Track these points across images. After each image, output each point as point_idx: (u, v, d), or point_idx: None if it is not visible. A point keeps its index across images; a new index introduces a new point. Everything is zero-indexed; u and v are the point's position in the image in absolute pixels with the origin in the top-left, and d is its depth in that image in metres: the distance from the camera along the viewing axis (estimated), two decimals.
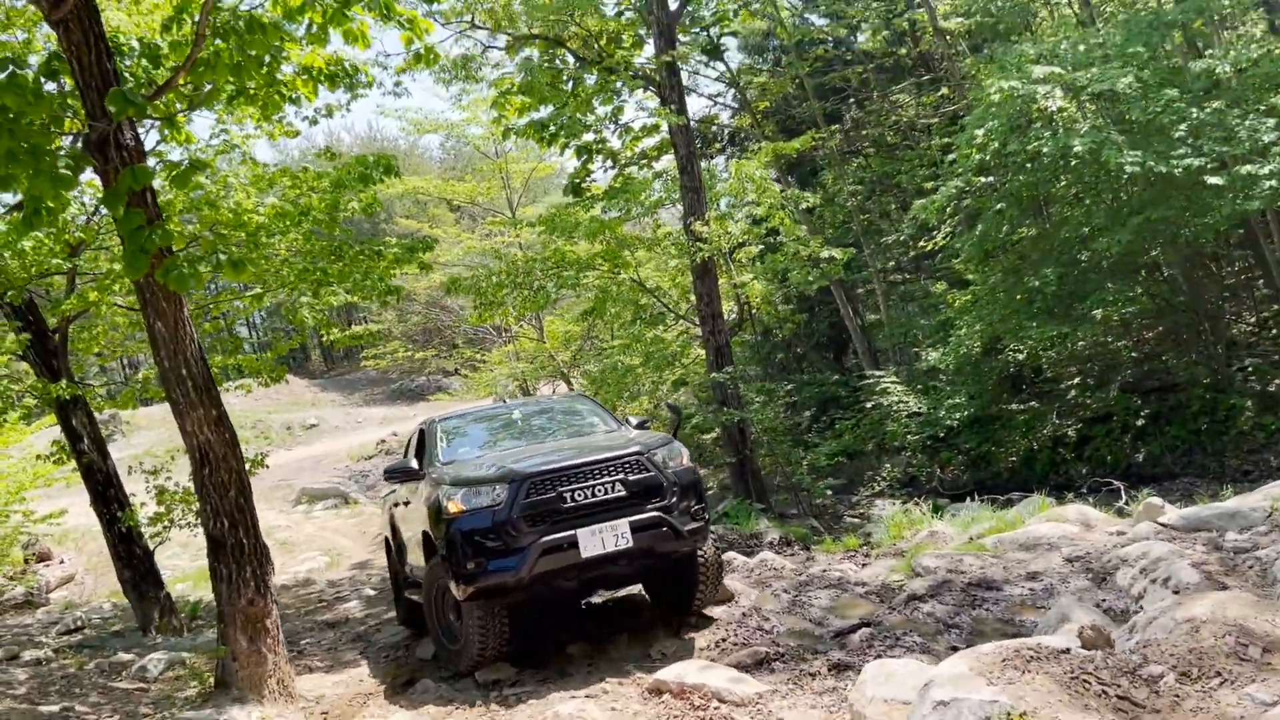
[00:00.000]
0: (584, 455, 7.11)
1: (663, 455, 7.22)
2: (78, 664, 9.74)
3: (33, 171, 6.00)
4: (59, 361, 10.94)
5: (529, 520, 6.74)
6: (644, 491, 6.97)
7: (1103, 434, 15.40)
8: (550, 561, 6.70)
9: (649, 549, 6.90)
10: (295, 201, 11.06)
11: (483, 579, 6.74)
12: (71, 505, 16.00)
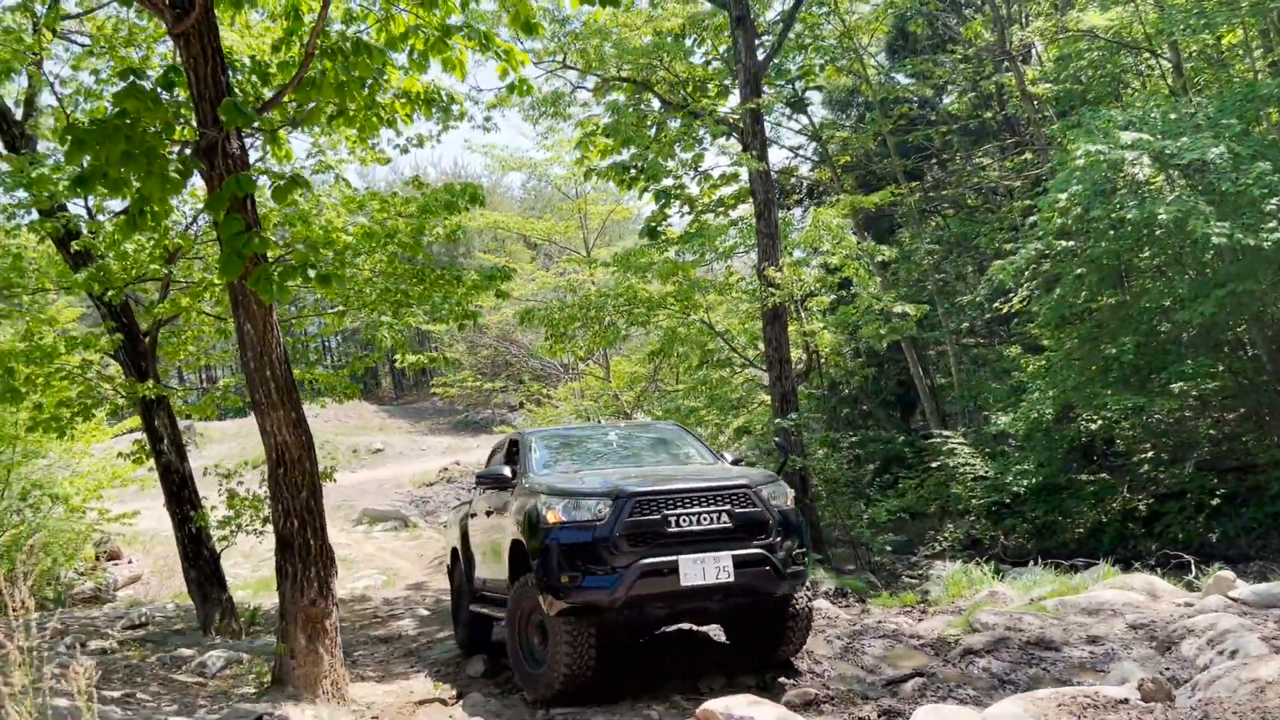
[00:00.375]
0: (691, 481, 6.98)
1: (769, 492, 7.04)
2: (140, 656, 10.01)
3: (145, 173, 6.36)
4: (148, 363, 11.38)
5: (630, 540, 6.57)
6: (749, 526, 6.78)
7: (1175, 511, 14.97)
8: (648, 585, 6.54)
9: (749, 586, 6.70)
10: (382, 224, 11.42)
11: (576, 594, 6.57)
12: (144, 508, 16.50)
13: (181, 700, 7.83)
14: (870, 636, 8.24)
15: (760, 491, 6.91)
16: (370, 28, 7.87)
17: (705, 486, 6.84)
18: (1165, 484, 15.49)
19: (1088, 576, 9.75)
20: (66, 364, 11.00)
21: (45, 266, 11.40)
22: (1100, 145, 12.54)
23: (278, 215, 10.63)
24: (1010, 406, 16.91)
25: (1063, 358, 16.02)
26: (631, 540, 6.56)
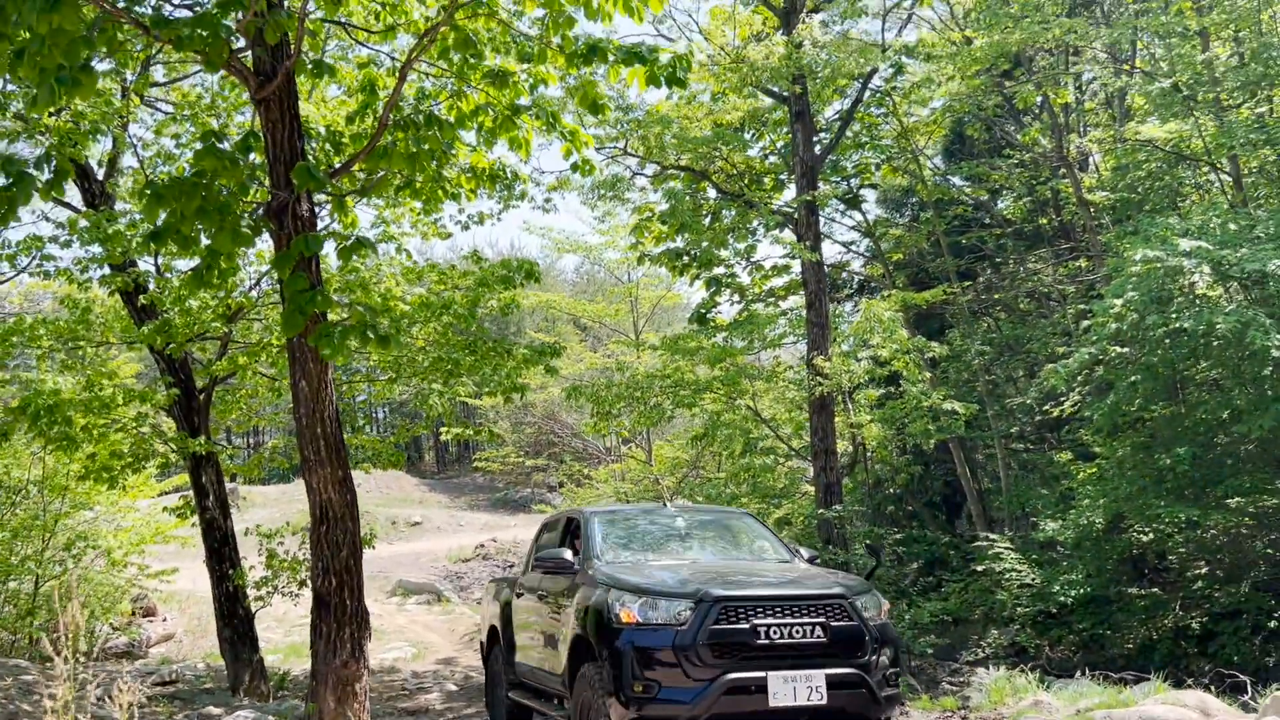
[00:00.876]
0: (782, 587, 6.42)
1: (864, 603, 6.45)
2: (168, 713, 9.98)
3: (217, 228, 6.58)
4: (200, 420, 11.60)
5: (714, 650, 5.96)
6: (845, 642, 6.17)
7: (1230, 631, 14.41)
8: (732, 703, 5.93)
9: (842, 710, 6.09)
10: (439, 295, 11.67)
11: (651, 706, 5.97)
12: (183, 567, 16.60)
13: None
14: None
15: (857, 603, 6.34)
16: (442, 104, 8.17)
17: (798, 595, 6.28)
18: (1220, 602, 14.95)
19: (1137, 691, 9.38)
20: (122, 416, 11.26)
21: (111, 320, 11.77)
22: (1158, 251, 12.48)
23: (339, 280, 10.90)
24: (1059, 514, 16.54)
25: (1115, 465, 15.68)
26: (715, 651, 5.97)
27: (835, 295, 23.13)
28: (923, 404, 15.65)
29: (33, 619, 13.73)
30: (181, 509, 12.57)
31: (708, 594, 6.09)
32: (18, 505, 13.82)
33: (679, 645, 5.97)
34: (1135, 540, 15.84)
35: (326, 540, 7.34)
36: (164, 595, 18.49)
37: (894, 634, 6.63)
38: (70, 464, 12.95)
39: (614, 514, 8.52)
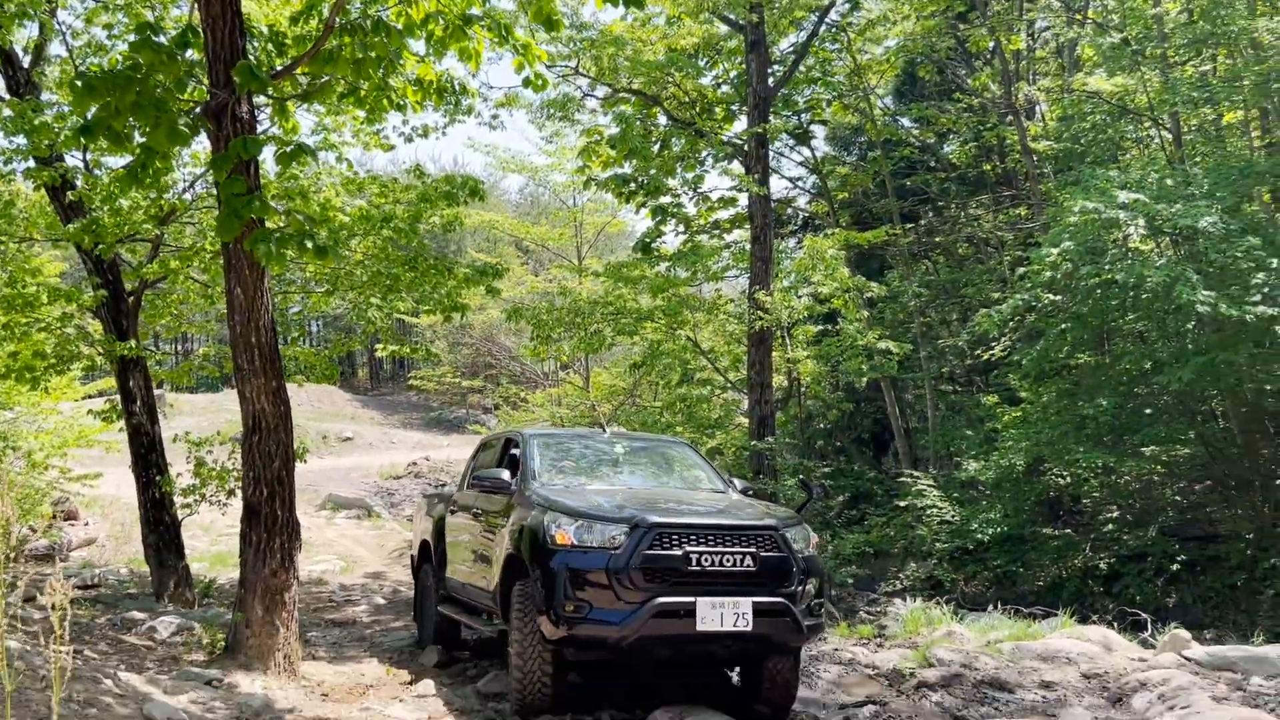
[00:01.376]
0: (715, 516, 6.48)
1: (794, 535, 6.54)
2: (89, 615, 9.89)
3: (152, 125, 6.34)
4: (129, 323, 11.29)
5: (646, 575, 6.05)
6: (773, 573, 6.28)
7: (1135, 573, 15.07)
8: (660, 626, 6.03)
9: (765, 638, 6.26)
10: (380, 208, 11.43)
11: (581, 626, 6.09)
12: (106, 473, 16.31)
13: (130, 660, 7.74)
14: (825, 663, 8.26)
15: (786, 535, 6.44)
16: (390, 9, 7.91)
17: (730, 524, 6.34)
18: (1128, 545, 15.60)
19: (1045, 626, 9.80)
20: (46, 315, 10.93)
21: (35, 216, 11.33)
22: (1097, 203, 12.70)
23: (277, 188, 10.62)
24: (982, 454, 17.01)
25: (1039, 411, 16.13)
26: (647, 575, 6.06)
27: (780, 231, 23.20)
28: (858, 343, 15.87)
29: None
30: (107, 413, 12.33)
31: (643, 520, 6.17)
32: None
33: (612, 568, 6.05)
34: (1053, 483, 16.40)
35: (259, 450, 7.27)
36: (86, 500, 18.19)
37: (820, 566, 6.74)
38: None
39: (552, 437, 8.54)
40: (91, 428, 15.00)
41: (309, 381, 14.05)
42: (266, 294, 7.30)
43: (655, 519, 6.22)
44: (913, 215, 22.80)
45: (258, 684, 6.83)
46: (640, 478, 8.02)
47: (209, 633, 8.97)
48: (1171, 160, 16.77)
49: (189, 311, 13.31)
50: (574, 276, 22.88)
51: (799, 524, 6.79)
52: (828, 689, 7.54)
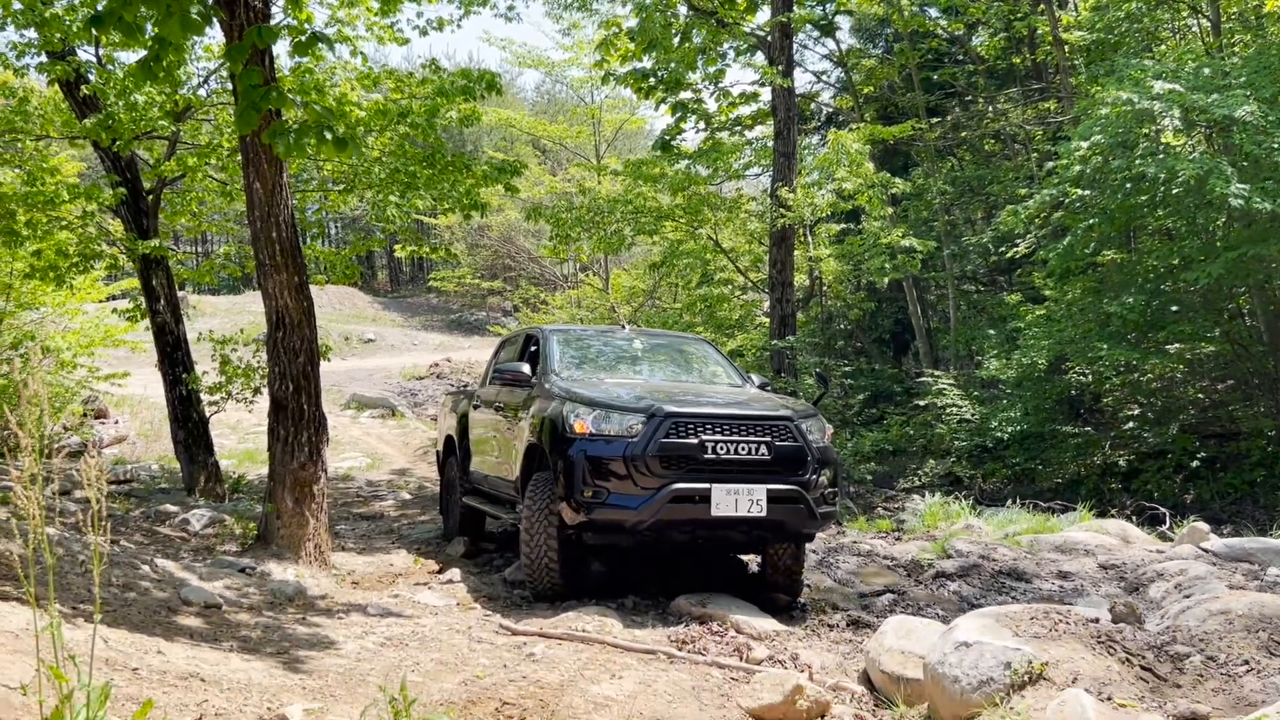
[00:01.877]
0: (731, 407, 6.65)
1: (809, 426, 6.71)
2: (124, 508, 10.14)
3: (164, 14, 6.21)
4: (149, 221, 11.27)
5: (662, 462, 6.28)
6: (787, 461, 6.48)
7: (1154, 470, 15.13)
8: (676, 511, 6.29)
9: (779, 524, 6.48)
10: (396, 103, 11.25)
11: (599, 510, 6.32)
12: (134, 372, 16.52)
13: (165, 550, 7.94)
14: (845, 554, 8.39)
15: (801, 425, 6.61)
16: None
17: (745, 415, 6.54)
18: (1148, 443, 15.63)
19: (1063, 520, 9.90)
20: (67, 214, 10.91)
21: (50, 113, 11.22)
22: (1130, 93, 12.34)
23: (292, 82, 10.42)
24: (1004, 353, 16.97)
25: (1062, 309, 16.00)
26: (664, 462, 6.29)
27: (803, 127, 22.74)
28: (881, 241, 15.68)
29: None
30: (131, 312, 12.40)
31: (660, 409, 6.36)
32: None
33: (629, 456, 6.28)
34: (1074, 382, 16.36)
35: (283, 346, 7.32)
36: (115, 399, 18.47)
37: (834, 456, 6.89)
38: (14, 262, 12.62)
39: (572, 333, 8.64)
40: (117, 327, 15.13)
41: (330, 282, 14.06)
42: (285, 189, 7.25)
43: (671, 408, 6.40)
44: (939, 110, 22.29)
45: (290, 572, 7.01)
46: (658, 372, 8.13)
47: (240, 524, 9.20)
48: (1209, 50, 16.24)
49: (208, 210, 13.25)
50: (593, 175, 22.62)
51: (814, 416, 6.92)
52: (847, 578, 7.66)
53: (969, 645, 3.95)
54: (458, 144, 34.98)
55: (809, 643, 5.91)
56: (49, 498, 2.91)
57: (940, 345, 21.79)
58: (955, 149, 23.11)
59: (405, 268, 50.89)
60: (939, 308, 23.49)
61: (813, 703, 4.58)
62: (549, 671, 4.78)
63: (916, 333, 21.29)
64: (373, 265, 49.70)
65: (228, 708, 3.86)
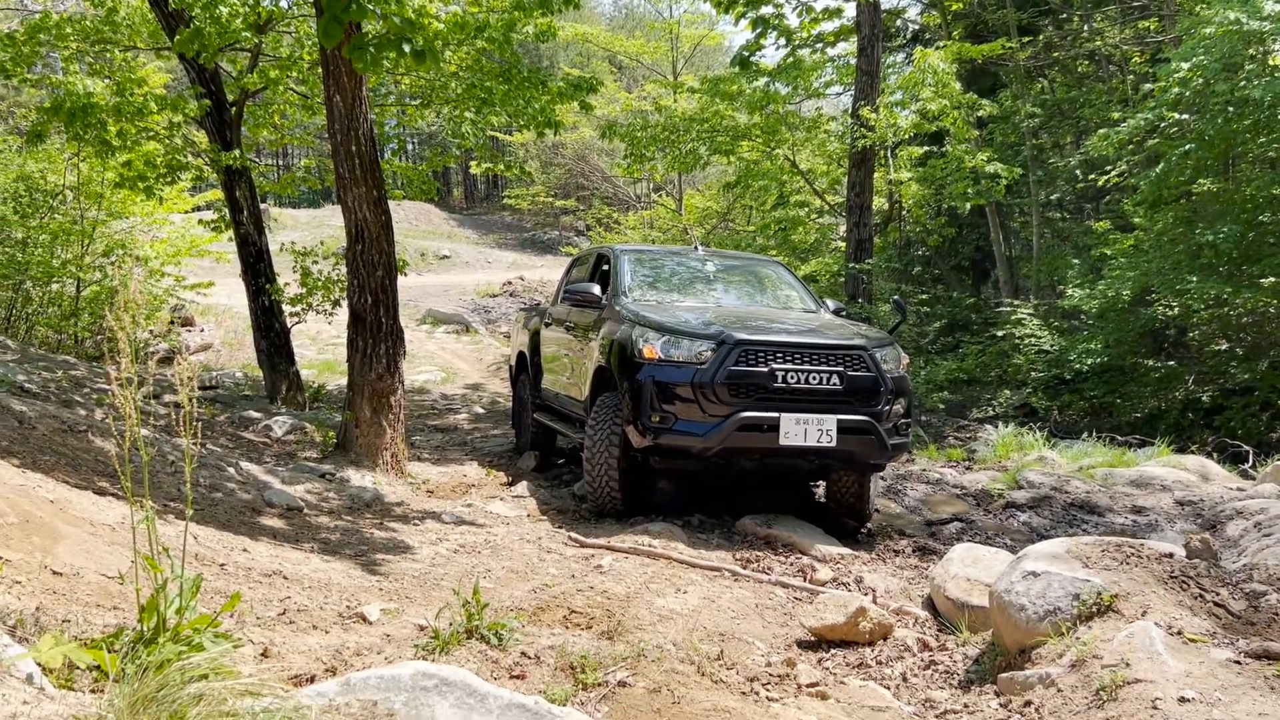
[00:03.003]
0: (803, 335, 6.48)
1: (883, 355, 6.56)
2: (210, 414, 10.51)
3: None
4: (233, 134, 11.45)
5: (731, 389, 6.20)
6: (859, 391, 6.36)
7: (1239, 406, 14.69)
8: (744, 439, 6.22)
9: (850, 454, 6.39)
10: (474, 16, 11.17)
11: (667, 436, 6.28)
12: (218, 282, 16.98)
13: (249, 454, 8.24)
14: (914, 482, 8.36)
15: (875, 354, 6.46)
16: None
17: (817, 344, 6.38)
18: (1234, 379, 15.15)
19: (1140, 454, 9.71)
20: (154, 125, 11.13)
21: (138, 24, 11.40)
22: (1239, 13, 11.70)
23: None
24: (1088, 284, 16.49)
25: (1152, 239, 15.46)
26: (732, 390, 6.21)
27: (887, 44, 22.01)
28: (965, 165, 15.21)
29: (76, 320, 14.23)
30: (216, 223, 12.70)
31: (729, 336, 6.26)
32: (56, 210, 13.97)
33: (697, 382, 6.21)
34: (1160, 314, 15.88)
35: (362, 259, 7.44)
36: (201, 308, 19.03)
37: (908, 386, 6.74)
38: (105, 172, 12.97)
39: (644, 253, 8.50)
40: (202, 238, 15.55)
41: (407, 198, 14.19)
42: (365, 103, 7.29)
43: (741, 335, 6.28)
44: (1032, 28, 21.36)
45: (367, 479, 7.24)
46: (731, 296, 7.96)
47: (320, 432, 9.49)
48: None
49: (289, 124, 13.41)
50: (669, 93, 22.28)
51: (890, 344, 6.75)
52: (915, 506, 7.65)
53: (1037, 575, 3.93)
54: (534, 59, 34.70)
55: (873, 567, 5.95)
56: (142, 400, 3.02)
57: (1021, 274, 21.26)
58: (1046, 70, 22.21)
59: (480, 185, 51.06)
60: (1022, 235, 22.85)
61: (875, 624, 4.63)
62: (615, 583, 4.89)
63: (997, 260, 20.79)
64: (448, 182, 49.95)
65: (309, 605, 4.04)
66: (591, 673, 3.38)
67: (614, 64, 34.76)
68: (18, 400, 6.86)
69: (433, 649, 3.46)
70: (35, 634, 2.76)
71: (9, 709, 2.00)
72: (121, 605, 3.46)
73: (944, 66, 14.17)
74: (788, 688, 3.74)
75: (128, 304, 3.05)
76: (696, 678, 3.50)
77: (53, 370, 10.01)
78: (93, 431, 6.51)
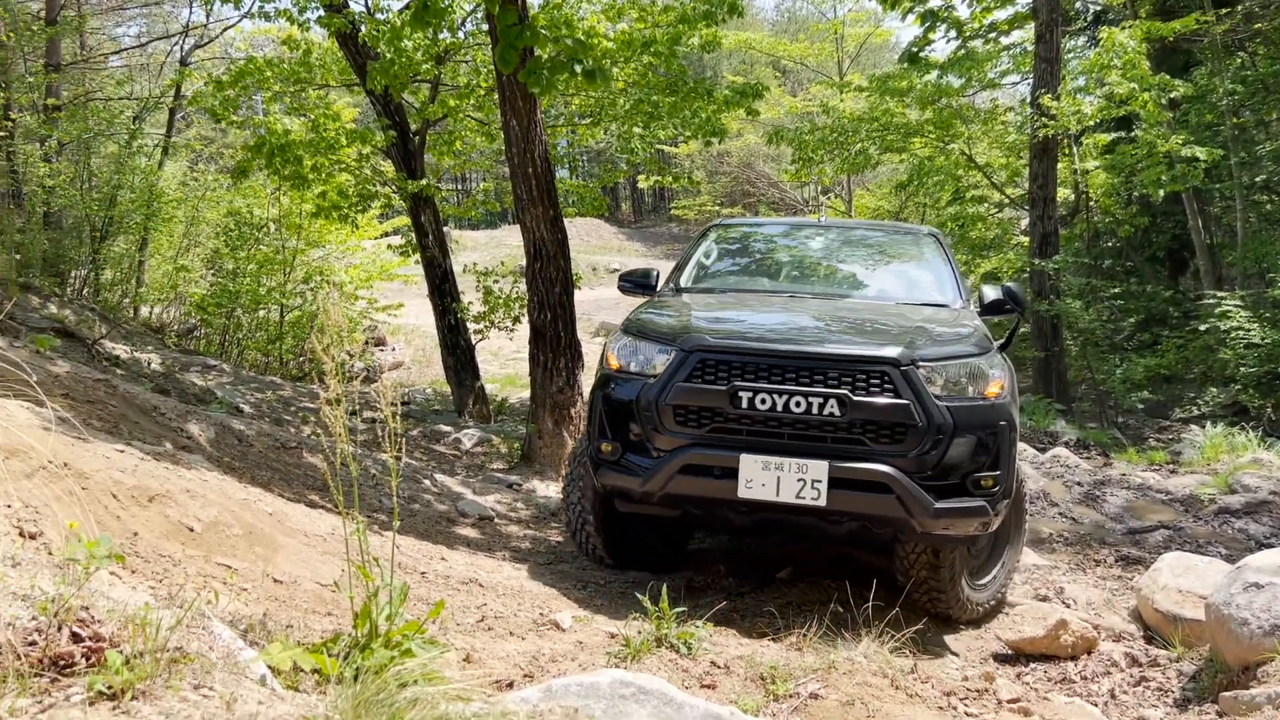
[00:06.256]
0: (806, 341, 4.55)
1: (943, 373, 4.45)
2: (404, 428, 11.08)
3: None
4: (416, 162, 12.06)
5: (678, 415, 4.49)
6: (873, 426, 4.31)
7: None
8: (691, 485, 4.48)
9: (857, 515, 4.41)
10: (640, 32, 11.38)
11: (611, 473, 4.71)
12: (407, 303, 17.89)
13: (441, 466, 8.64)
14: (1113, 487, 7.92)
15: (910, 372, 4.34)
16: None
17: (809, 353, 4.42)
18: None
19: None
20: (346, 157, 11.86)
21: (329, 64, 12.17)
22: None
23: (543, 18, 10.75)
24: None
25: None
26: (679, 416, 4.49)
27: (1066, 28, 21.02)
28: (1158, 150, 14.32)
29: (280, 343, 15.29)
30: (404, 248, 13.40)
31: (689, 337, 4.60)
32: (260, 241, 15.07)
33: (643, 402, 4.58)
34: None
35: (541, 277, 7.68)
36: (392, 328, 20.10)
37: (996, 420, 4.44)
38: (303, 203, 13.91)
39: (737, 228, 6.87)
40: (391, 262, 16.43)
41: (578, 214, 14.57)
42: (539, 125, 7.53)
43: (706, 340, 4.56)
44: (1229, 0, 19.92)
45: (552, 489, 7.45)
46: (825, 282, 6.03)
47: (505, 444, 9.84)
48: None
49: (468, 149, 14.01)
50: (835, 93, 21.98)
51: (966, 357, 4.55)
52: (1116, 513, 7.25)
53: (1260, 586, 3.66)
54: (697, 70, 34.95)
55: (1073, 577, 5.67)
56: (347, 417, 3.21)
57: (1225, 263, 19.79)
58: (1246, 43, 20.63)
59: (647, 198, 51.77)
60: (1224, 221, 21.28)
61: (1078, 638, 4.42)
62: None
63: (1197, 249, 19.42)
64: (616, 197, 50.90)
65: (504, 611, 4.19)
66: (782, 683, 3.37)
67: (777, 68, 34.60)
68: (237, 420, 7.42)
69: (624, 656, 3.53)
70: (263, 638, 2.98)
71: (248, 708, 2.17)
72: (335, 611, 3.69)
73: (1132, 46, 13.39)
74: (987, 703, 3.61)
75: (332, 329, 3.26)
76: (890, 691, 3.43)
77: (262, 390, 10.79)
78: (303, 448, 6.97)
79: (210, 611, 2.70)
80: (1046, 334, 14.22)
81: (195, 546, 3.76)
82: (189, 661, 2.25)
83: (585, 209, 14.39)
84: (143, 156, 16.84)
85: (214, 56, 21.79)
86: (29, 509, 3.15)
